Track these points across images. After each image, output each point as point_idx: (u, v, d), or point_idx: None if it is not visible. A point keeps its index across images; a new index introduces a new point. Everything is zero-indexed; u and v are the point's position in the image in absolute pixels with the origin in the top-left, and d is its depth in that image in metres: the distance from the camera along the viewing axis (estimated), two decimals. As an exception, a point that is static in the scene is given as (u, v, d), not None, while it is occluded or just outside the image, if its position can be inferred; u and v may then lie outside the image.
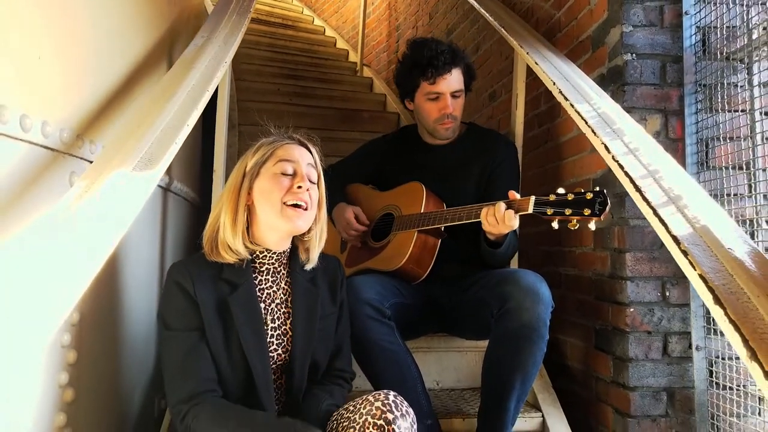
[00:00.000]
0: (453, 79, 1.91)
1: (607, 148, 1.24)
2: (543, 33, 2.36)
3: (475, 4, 2.37)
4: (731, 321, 0.78)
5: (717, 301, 0.81)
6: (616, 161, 1.18)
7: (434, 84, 1.90)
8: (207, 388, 1.25)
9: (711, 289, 0.83)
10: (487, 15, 2.24)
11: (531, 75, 2.08)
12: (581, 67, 2.02)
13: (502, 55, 2.84)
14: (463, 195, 1.90)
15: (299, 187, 1.33)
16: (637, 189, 1.08)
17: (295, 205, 1.33)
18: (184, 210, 2.24)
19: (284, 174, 1.34)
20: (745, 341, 0.75)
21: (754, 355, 0.73)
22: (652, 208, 1.02)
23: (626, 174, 1.14)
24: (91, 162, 1.42)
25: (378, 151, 2.15)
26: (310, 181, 1.38)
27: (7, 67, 1.16)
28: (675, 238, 0.94)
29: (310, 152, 1.41)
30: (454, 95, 1.93)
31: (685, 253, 0.91)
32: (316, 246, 1.42)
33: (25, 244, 0.90)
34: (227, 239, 1.32)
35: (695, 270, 0.87)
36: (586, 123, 1.35)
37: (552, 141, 2.27)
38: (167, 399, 1.28)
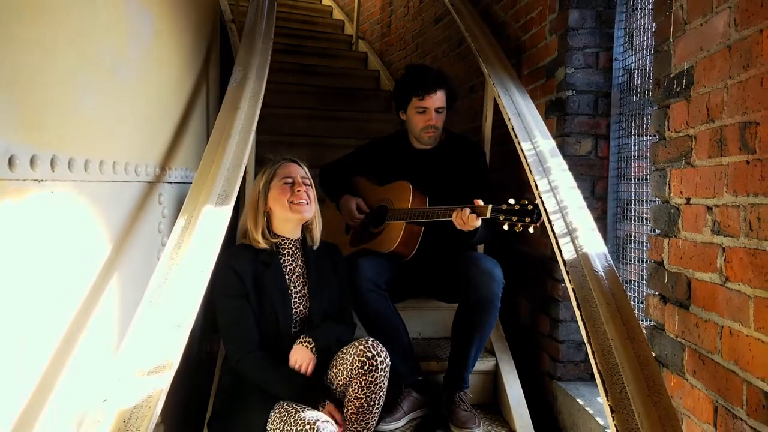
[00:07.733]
0: (437, 98, 2.42)
1: (536, 185, 1.78)
2: (511, 48, 2.83)
3: (459, 22, 2.83)
4: (582, 319, 1.35)
5: (578, 305, 1.39)
6: (541, 198, 1.73)
7: (423, 100, 2.41)
8: (253, 339, 1.81)
9: (576, 299, 1.40)
10: (467, 35, 2.72)
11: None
12: (537, 90, 2.54)
13: (480, 55, 3.31)
14: (442, 191, 2.44)
15: (298, 191, 1.90)
16: (549, 222, 1.64)
17: (299, 203, 1.91)
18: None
19: (286, 183, 1.91)
20: (587, 332, 1.32)
21: (589, 340, 1.31)
22: (555, 238, 1.58)
23: (545, 209, 1.69)
24: (170, 183, 1.97)
25: (375, 152, 2.67)
26: (306, 184, 1.94)
27: (134, 139, 1.69)
28: (564, 262, 1.50)
29: (301, 166, 1.98)
30: (437, 111, 2.44)
31: (567, 273, 1.47)
32: (317, 229, 2.01)
33: (164, 265, 1.45)
34: (252, 236, 1.91)
35: (570, 285, 1.44)
36: (526, 161, 1.88)
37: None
38: (225, 347, 1.87)
